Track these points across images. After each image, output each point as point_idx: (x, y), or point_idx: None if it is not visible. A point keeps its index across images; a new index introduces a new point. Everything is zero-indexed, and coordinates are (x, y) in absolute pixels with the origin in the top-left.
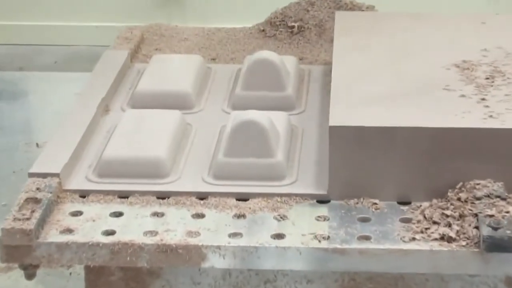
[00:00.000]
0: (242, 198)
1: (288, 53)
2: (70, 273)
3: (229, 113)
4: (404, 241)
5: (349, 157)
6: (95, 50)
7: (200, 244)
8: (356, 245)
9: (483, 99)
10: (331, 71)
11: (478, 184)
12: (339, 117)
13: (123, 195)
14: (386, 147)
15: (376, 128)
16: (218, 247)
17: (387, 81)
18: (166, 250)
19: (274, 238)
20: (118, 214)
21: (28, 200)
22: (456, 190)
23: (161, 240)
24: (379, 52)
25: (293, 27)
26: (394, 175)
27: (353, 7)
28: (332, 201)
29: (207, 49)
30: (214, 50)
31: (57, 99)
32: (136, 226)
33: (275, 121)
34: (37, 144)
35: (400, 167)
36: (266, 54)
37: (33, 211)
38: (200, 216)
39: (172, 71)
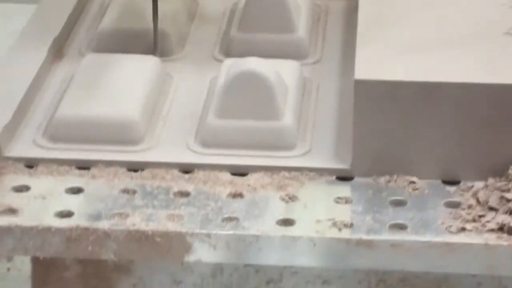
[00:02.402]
0: (239, 172)
1: None
2: (9, 269)
3: (222, 60)
4: (450, 232)
5: (379, 121)
6: None
7: (183, 231)
8: (387, 235)
9: None
10: (355, 8)
11: None
12: (366, 68)
13: (83, 166)
14: (427, 109)
15: (415, 83)
16: (208, 235)
17: (429, 22)
18: (139, 238)
19: (280, 225)
20: (77, 191)
21: None
22: None
23: (133, 225)
24: None
25: None
26: (438, 146)
27: None
28: (356, 178)
29: None
30: None
31: None
32: (99, 206)
33: (283, 72)
34: None
35: (446, 136)
36: None
37: None
38: (184, 194)
39: (146, 3)
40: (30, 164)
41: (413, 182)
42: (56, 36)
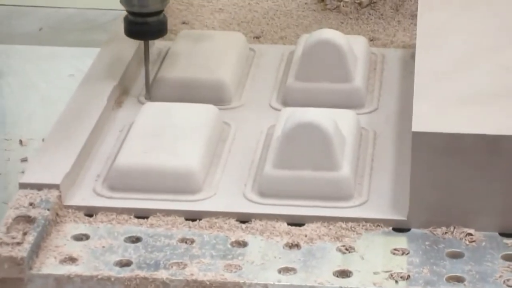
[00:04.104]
0: (296, 222)
1: (356, 32)
2: None
3: (279, 109)
4: (508, 286)
5: (437, 173)
6: (91, 14)
7: (241, 281)
8: None
9: None
10: (412, 57)
11: None
12: (425, 120)
13: (142, 215)
14: (486, 161)
15: (475, 136)
16: (265, 286)
17: (489, 72)
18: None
19: (337, 276)
20: (135, 240)
21: (18, 218)
22: None
23: (191, 275)
24: (478, 33)
25: None
26: (496, 198)
27: None
28: (413, 230)
29: (249, 24)
30: (258, 26)
31: (44, 81)
32: (158, 256)
33: (340, 122)
34: (20, 141)
35: (504, 188)
36: (328, 34)
37: (25, 234)
38: (242, 244)
39: (204, 53)
40: (90, 212)
41: (470, 234)
42: (116, 84)
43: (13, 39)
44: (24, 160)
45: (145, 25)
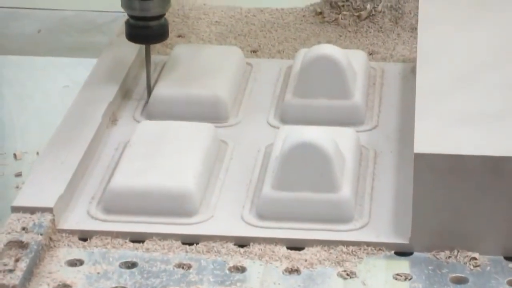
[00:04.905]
0: (296, 246)
1: (354, 45)
2: None
3: (277, 127)
4: None
5: (440, 195)
6: (88, 16)
7: None
8: None
9: None
10: (412, 71)
11: None
12: (427, 141)
13: (137, 239)
14: (491, 183)
15: (478, 157)
16: None
17: (491, 89)
18: None
19: None
20: (131, 265)
21: (10, 244)
22: None
23: None
24: (479, 48)
25: (360, 9)
26: (501, 221)
27: None
28: (415, 254)
29: (246, 37)
30: (255, 39)
31: (39, 93)
32: (154, 282)
33: (339, 141)
34: (14, 155)
35: (509, 210)
36: (326, 49)
37: (17, 260)
38: (240, 269)
39: (200, 68)
40: (84, 236)
41: (474, 259)
42: (110, 101)
43: (12, 41)
44: (19, 174)
45: (146, 29)
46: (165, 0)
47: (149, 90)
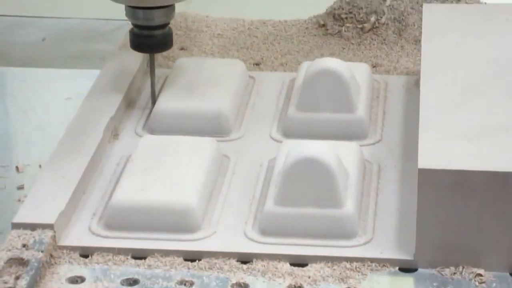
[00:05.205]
0: (299, 262)
1: (358, 57)
2: None
3: (280, 141)
4: None
5: (444, 211)
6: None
7: None
8: None
9: None
10: (416, 84)
11: None
12: (431, 156)
13: (139, 255)
14: (496, 199)
15: (483, 172)
16: None
17: (495, 102)
18: None
19: None
20: (133, 282)
21: (11, 261)
22: None
23: None
24: (483, 60)
25: (364, 21)
26: (507, 236)
27: None
28: (420, 270)
29: (249, 50)
30: (258, 52)
31: (41, 105)
32: None
33: (343, 155)
34: (17, 168)
35: None
36: (330, 62)
37: (17, 278)
38: (243, 286)
39: (202, 82)
40: (86, 253)
41: (480, 275)
42: (112, 115)
43: (16, 50)
44: (21, 187)
45: (150, 38)
46: (169, 9)
47: (154, 99)
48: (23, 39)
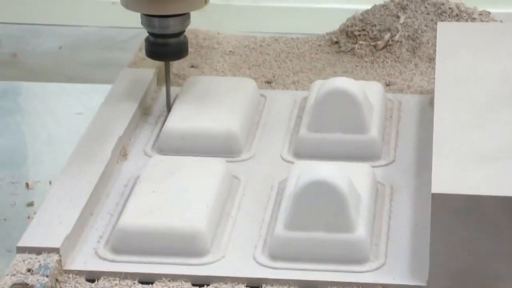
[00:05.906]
0: (310, 287)
1: (371, 76)
2: None
3: (291, 162)
4: None
5: (458, 236)
6: (108, 32)
7: None
8: None
9: None
10: (430, 103)
11: None
12: (446, 180)
13: (146, 280)
14: (510, 224)
15: (497, 198)
16: None
17: (510, 124)
18: None
19: None
20: None
21: (15, 286)
22: None
23: None
24: (498, 79)
25: (377, 39)
26: None
27: (460, 13)
28: None
29: (261, 68)
30: (270, 69)
31: (52, 120)
32: None
33: (355, 177)
34: (27, 184)
35: None
36: (342, 82)
37: None
38: None
39: (213, 101)
40: (92, 277)
41: None
42: (121, 135)
43: (33, 58)
44: (30, 204)
45: (165, 46)
46: (184, 17)
47: (169, 107)
48: (40, 47)
